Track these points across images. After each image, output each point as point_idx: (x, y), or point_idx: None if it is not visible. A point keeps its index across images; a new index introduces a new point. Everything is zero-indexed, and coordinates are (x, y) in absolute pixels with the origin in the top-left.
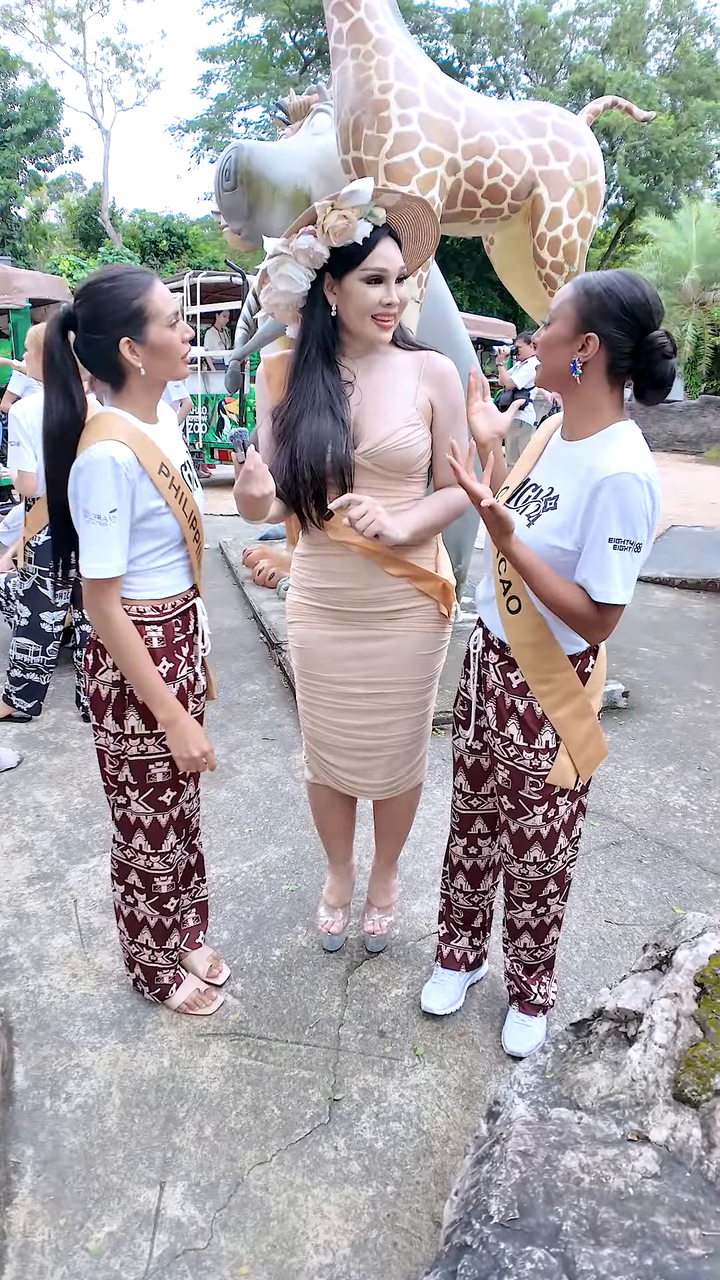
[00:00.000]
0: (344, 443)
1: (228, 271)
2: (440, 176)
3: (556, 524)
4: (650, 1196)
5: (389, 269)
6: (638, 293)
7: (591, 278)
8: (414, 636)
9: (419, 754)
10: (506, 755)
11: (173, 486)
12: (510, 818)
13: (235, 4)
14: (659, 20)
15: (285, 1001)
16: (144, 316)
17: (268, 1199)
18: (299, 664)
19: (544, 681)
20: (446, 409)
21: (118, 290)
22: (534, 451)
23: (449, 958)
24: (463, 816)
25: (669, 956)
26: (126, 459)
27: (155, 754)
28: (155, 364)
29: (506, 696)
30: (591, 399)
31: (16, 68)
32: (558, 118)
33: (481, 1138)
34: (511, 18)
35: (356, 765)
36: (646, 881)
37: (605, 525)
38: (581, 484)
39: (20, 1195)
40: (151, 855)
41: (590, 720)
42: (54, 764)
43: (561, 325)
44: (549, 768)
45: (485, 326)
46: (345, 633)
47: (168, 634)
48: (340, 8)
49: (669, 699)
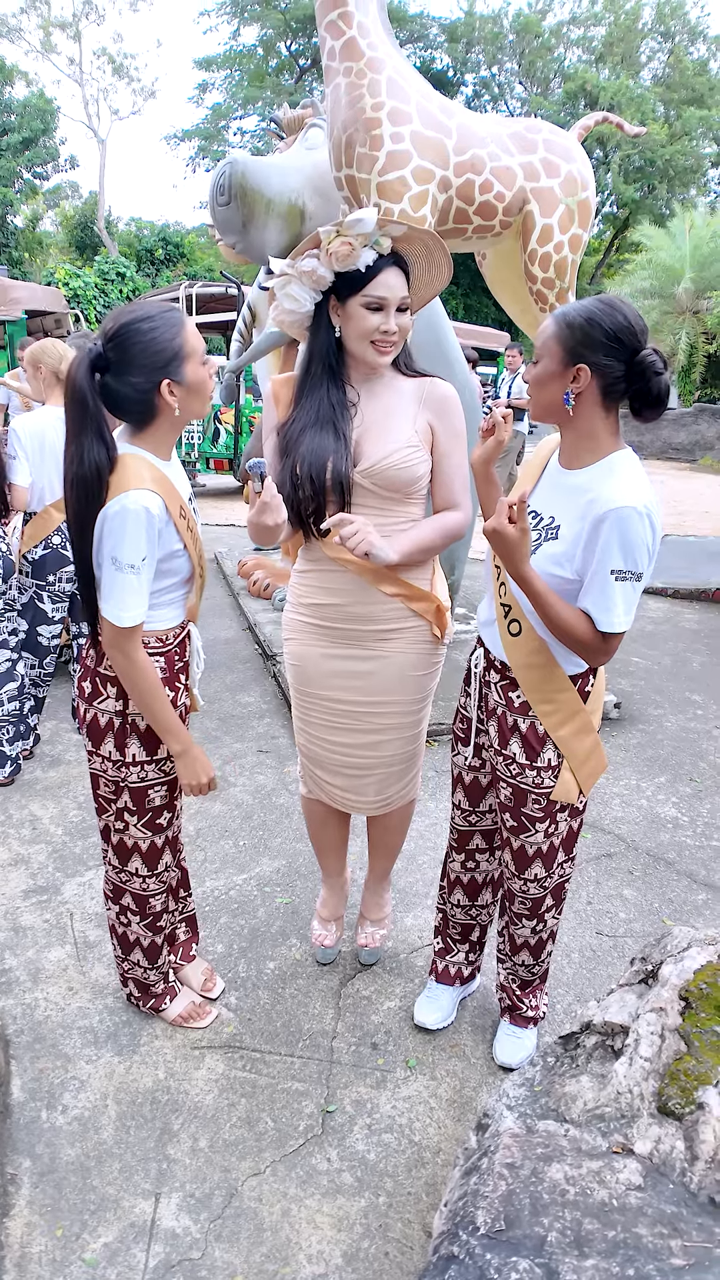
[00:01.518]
0: (345, 459)
1: (223, 282)
2: (432, 194)
3: (557, 553)
4: (634, 1208)
5: (389, 298)
6: (619, 317)
7: (570, 310)
8: (406, 656)
9: (412, 771)
10: (509, 774)
11: (189, 529)
12: (512, 835)
13: (231, 14)
14: (652, 30)
15: (279, 1014)
16: (182, 356)
17: (261, 1210)
18: (294, 680)
19: (547, 702)
20: (446, 433)
21: (157, 331)
22: (532, 474)
23: (444, 972)
24: (461, 833)
25: (655, 971)
26: (160, 509)
27: (154, 779)
28: (190, 403)
29: (508, 715)
30: (588, 428)
31: (13, 77)
32: (549, 134)
33: (470, 1150)
34: (506, 27)
35: (349, 782)
36: (637, 893)
37: (607, 558)
38: (582, 516)
39: (17, 1206)
40: (147, 878)
41: (592, 736)
42: (50, 776)
43: (549, 361)
44: (552, 785)
45: (480, 336)
46: (339, 650)
47: (169, 663)
48: (333, 26)
49: (661, 710)
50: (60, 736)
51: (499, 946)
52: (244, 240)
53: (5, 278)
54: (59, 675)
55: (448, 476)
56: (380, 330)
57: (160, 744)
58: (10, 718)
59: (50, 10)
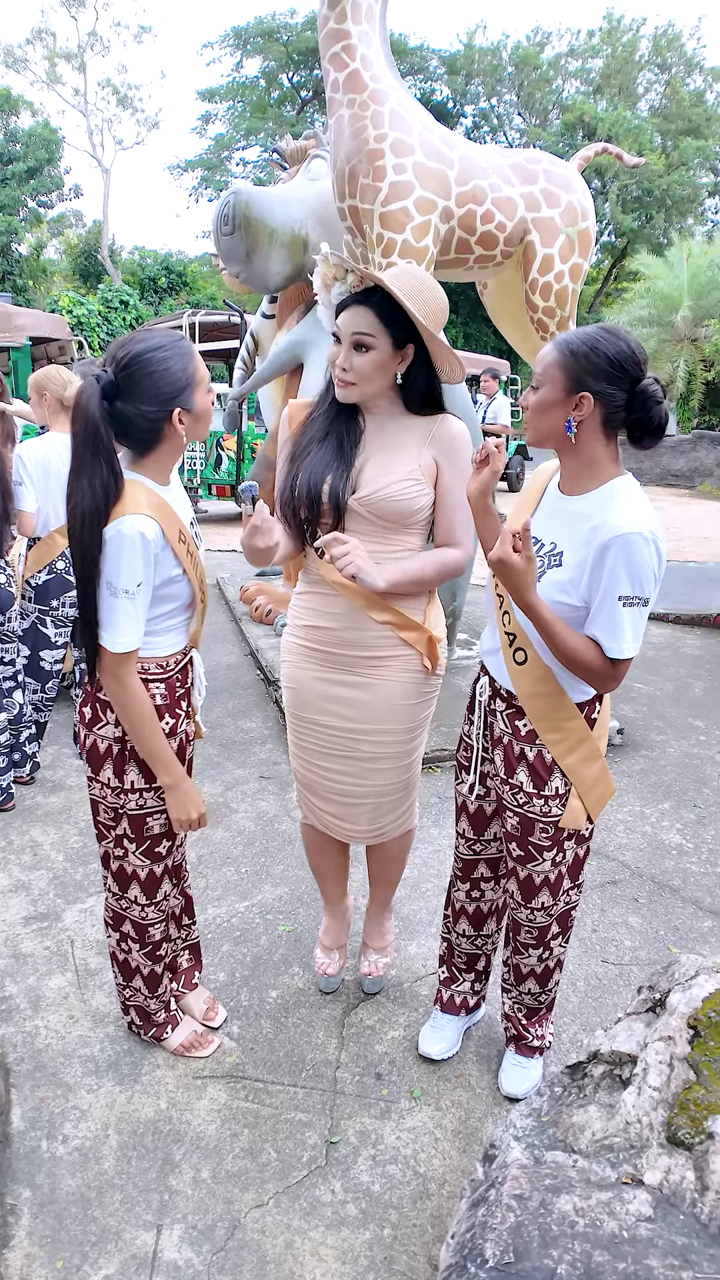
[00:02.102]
0: (344, 482)
1: (226, 311)
2: (434, 224)
3: (562, 580)
4: (644, 1239)
5: (343, 331)
6: (622, 345)
7: (572, 338)
8: (398, 685)
9: (406, 802)
10: (516, 802)
11: (189, 553)
12: (519, 864)
13: (233, 46)
14: (649, 61)
15: (282, 1044)
16: (193, 385)
17: (265, 1242)
18: (289, 703)
19: (554, 730)
20: (451, 471)
21: (171, 361)
22: (530, 500)
23: (449, 1002)
24: (466, 861)
25: (663, 999)
26: (156, 534)
27: (153, 806)
28: (196, 430)
29: (515, 744)
30: (589, 455)
31: (18, 107)
32: (549, 165)
33: (477, 1181)
34: (504, 60)
35: (341, 809)
36: (642, 920)
37: (615, 584)
38: (586, 542)
39: (17, 1238)
40: (146, 906)
41: (599, 762)
42: (51, 802)
43: (550, 389)
44: (559, 813)
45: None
46: (330, 675)
47: (170, 690)
48: (336, 58)
49: (664, 735)
50: (62, 762)
51: (504, 976)
52: (247, 269)
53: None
54: (61, 700)
55: (449, 514)
56: (333, 362)
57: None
58: (3, 748)
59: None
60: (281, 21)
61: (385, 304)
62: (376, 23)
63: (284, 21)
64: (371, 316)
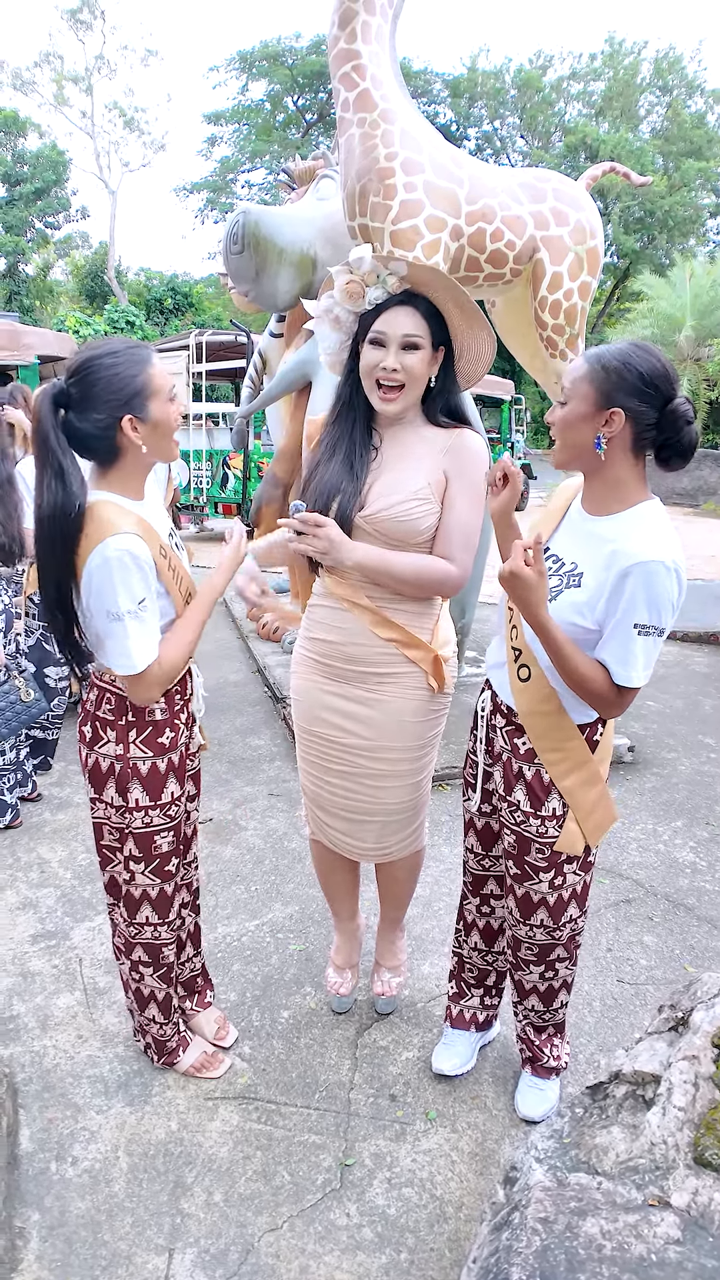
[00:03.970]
0: (352, 499)
1: (232, 330)
2: (445, 242)
3: (579, 602)
4: (673, 1263)
5: (389, 333)
6: (655, 363)
7: (605, 353)
8: (404, 702)
9: (415, 823)
10: (513, 820)
11: (171, 568)
12: (516, 882)
13: (239, 69)
14: (651, 84)
15: (294, 1064)
16: (147, 393)
17: (279, 1267)
18: (297, 717)
19: (554, 750)
20: (459, 486)
21: (120, 367)
22: (553, 516)
23: (458, 1017)
24: (475, 876)
25: (686, 1018)
26: (142, 551)
27: (159, 824)
28: (155, 442)
29: (514, 762)
30: (616, 475)
31: (26, 129)
32: (558, 183)
33: (499, 1204)
34: (507, 83)
35: (349, 826)
36: (657, 939)
37: (632, 611)
38: (607, 566)
39: (26, 1261)
40: (159, 926)
41: (599, 787)
42: (58, 819)
43: (580, 403)
44: (556, 835)
45: (485, 383)
46: (337, 689)
47: (169, 704)
48: (347, 78)
49: (674, 753)
50: (69, 779)
51: (512, 993)
52: (256, 288)
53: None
54: (70, 717)
55: (448, 528)
56: (380, 366)
57: (162, 788)
58: (10, 766)
59: (63, 64)
60: (287, 45)
61: (426, 304)
62: (386, 43)
63: (289, 45)
64: (418, 316)
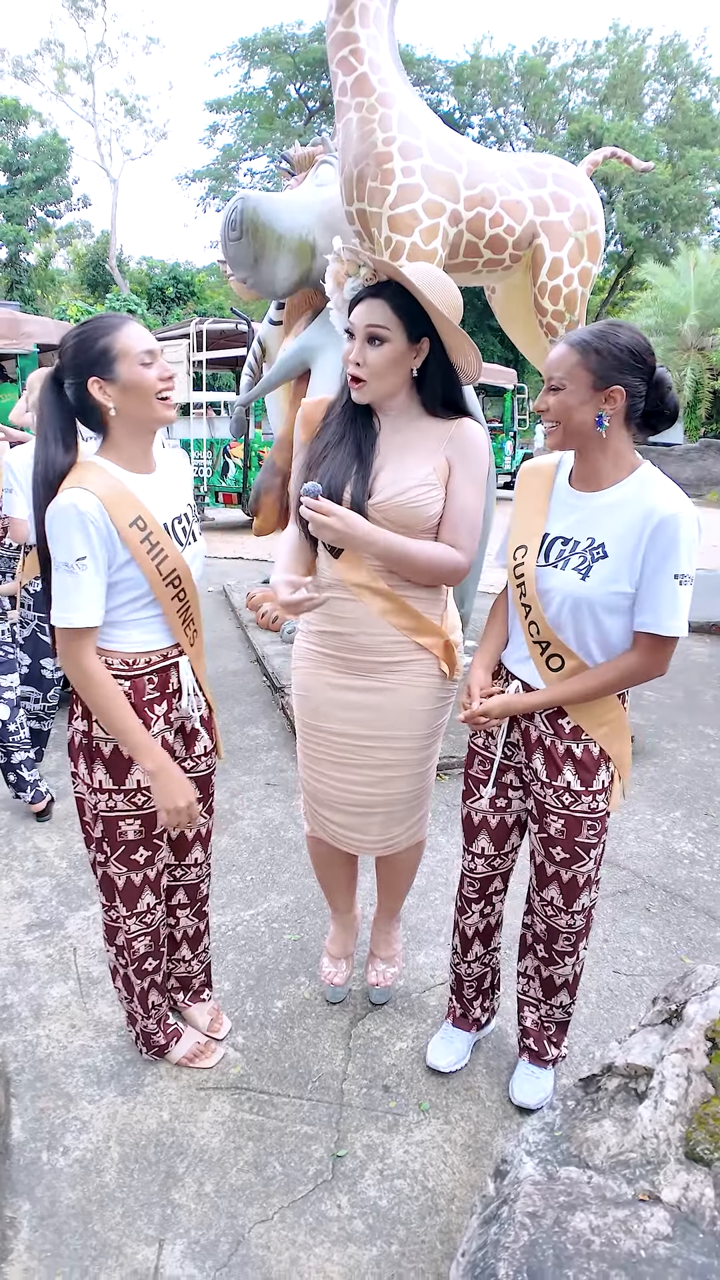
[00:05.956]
0: (363, 488)
1: (233, 319)
2: (443, 227)
3: (612, 572)
4: (662, 1259)
5: (356, 324)
6: (635, 336)
7: (585, 335)
8: (414, 690)
9: (419, 813)
10: (561, 804)
11: (148, 541)
12: (563, 868)
13: (241, 57)
14: (655, 72)
15: (287, 1055)
16: (112, 355)
17: (269, 1258)
18: (300, 712)
19: (600, 726)
20: (462, 473)
21: (86, 333)
22: (539, 504)
23: (461, 1018)
24: (483, 880)
25: (679, 1010)
26: (90, 507)
27: (124, 810)
28: (127, 403)
29: (559, 743)
30: (616, 447)
31: (27, 117)
32: (558, 169)
33: (489, 1197)
34: (511, 70)
35: (352, 820)
36: (654, 930)
37: (668, 563)
38: (631, 527)
39: (16, 1251)
40: (128, 917)
41: (629, 736)
42: (55, 808)
43: (577, 387)
44: (605, 807)
45: (487, 373)
46: (345, 681)
47: (136, 690)
48: (345, 62)
49: (674, 744)
50: (66, 769)
51: (529, 991)
52: (255, 275)
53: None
54: (64, 708)
55: (453, 516)
56: (347, 359)
57: (128, 773)
58: (23, 744)
59: (64, 52)
60: (289, 33)
61: (399, 296)
62: (385, 27)
63: (291, 33)
64: (385, 309)
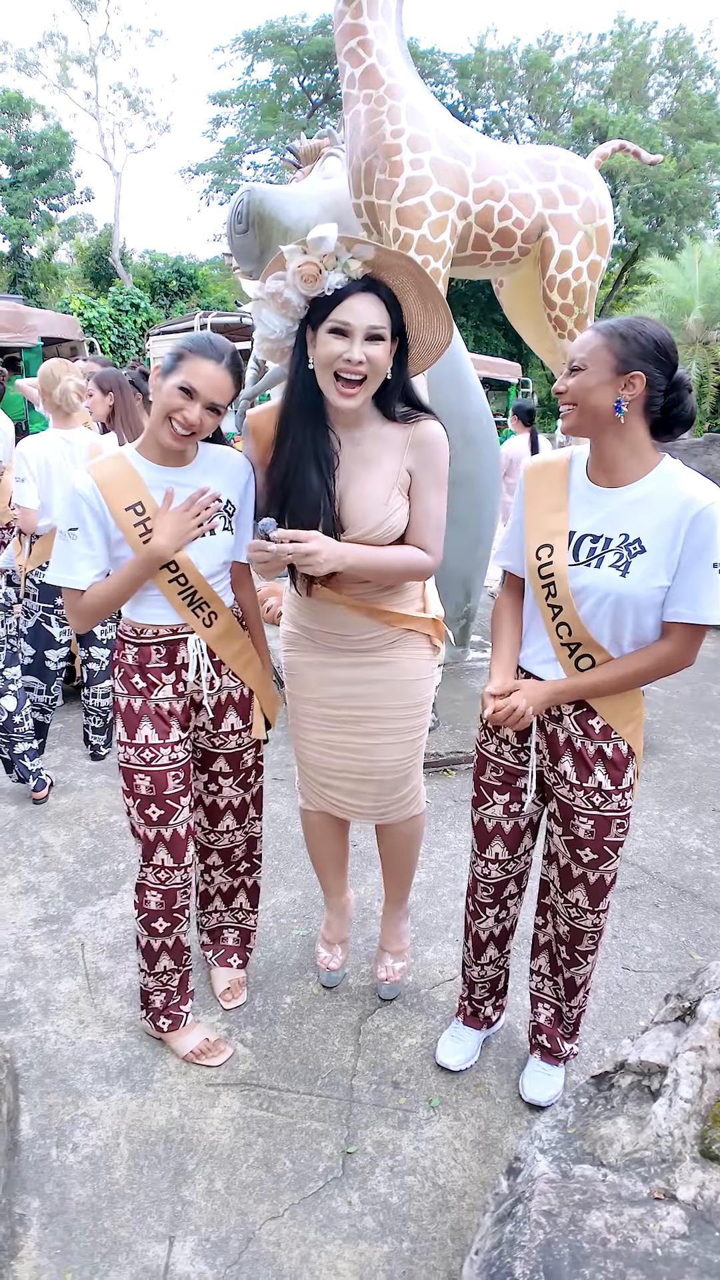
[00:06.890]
0: (332, 518)
1: (237, 312)
2: (452, 220)
3: (651, 566)
4: (679, 1258)
5: (354, 323)
6: (661, 330)
7: (615, 323)
8: (402, 665)
9: (412, 782)
10: (591, 805)
11: (142, 525)
12: (590, 869)
13: (245, 50)
14: (660, 65)
15: (296, 1051)
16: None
17: (280, 1255)
18: (290, 686)
19: (628, 722)
20: (424, 479)
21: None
22: (555, 501)
23: (471, 1016)
24: (497, 885)
25: (693, 1008)
26: (84, 487)
27: (136, 764)
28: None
29: (589, 744)
30: (633, 439)
31: (30, 110)
32: (567, 162)
33: (502, 1195)
34: (515, 63)
35: (347, 785)
36: (663, 927)
37: (710, 552)
38: (667, 521)
39: (26, 1248)
40: (145, 867)
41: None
42: (61, 803)
43: (599, 368)
44: (631, 804)
45: (492, 366)
46: (332, 659)
47: (142, 656)
48: (353, 54)
49: (682, 739)
50: (73, 763)
51: (545, 990)
52: (260, 268)
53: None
54: (70, 701)
55: (419, 520)
56: (343, 359)
57: (136, 729)
58: (27, 734)
59: (67, 45)
60: (292, 25)
61: (388, 291)
62: (393, 18)
63: (295, 25)
64: (382, 306)
